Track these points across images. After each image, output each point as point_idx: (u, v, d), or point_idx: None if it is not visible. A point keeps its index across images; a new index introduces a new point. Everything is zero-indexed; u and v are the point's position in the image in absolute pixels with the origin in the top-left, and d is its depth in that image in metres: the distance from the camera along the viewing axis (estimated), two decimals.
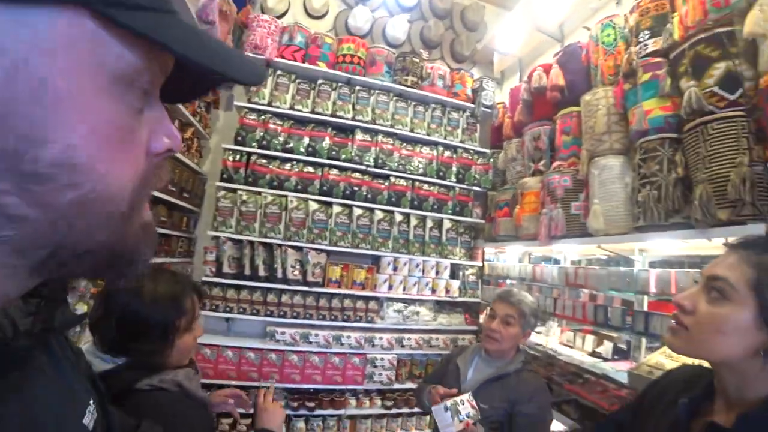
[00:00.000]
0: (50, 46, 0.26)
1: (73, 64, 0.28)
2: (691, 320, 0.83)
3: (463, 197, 3.39)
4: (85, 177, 0.29)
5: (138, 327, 1.00)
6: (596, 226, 2.10)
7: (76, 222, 0.29)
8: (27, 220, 0.28)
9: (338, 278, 3.10)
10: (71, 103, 0.28)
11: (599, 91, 2.21)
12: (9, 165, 0.26)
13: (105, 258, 0.33)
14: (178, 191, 2.71)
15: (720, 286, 0.79)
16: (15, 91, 0.26)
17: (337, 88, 3.18)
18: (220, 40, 0.38)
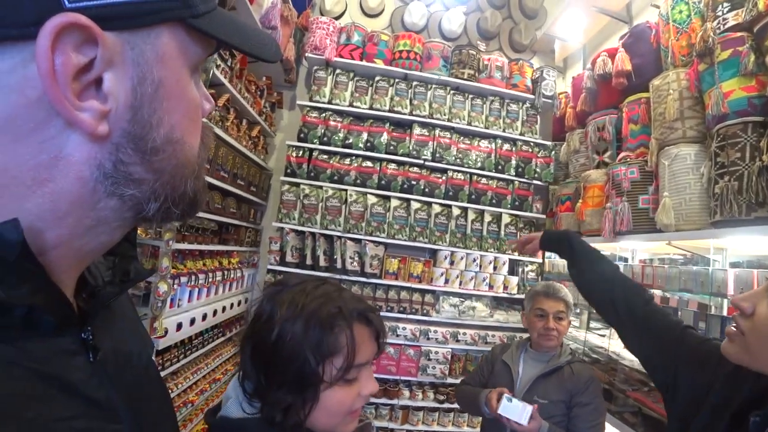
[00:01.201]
0: (162, 56, 0.37)
1: (176, 65, 0.38)
2: (749, 325, 0.74)
3: (523, 191, 3.29)
4: (180, 148, 0.40)
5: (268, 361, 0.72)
6: (666, 221, 1.95)
7: (174, 181, 0.40)
8: (146, 182, 0.38)
9: (395, 270, 3.15)
10: (174, 95, 0.39)
11: (670, 74, 2.06)
12: (137, 145, 0.37)
13: (188, 204, 0.42)
14: (246, 185, 2.90)
15: None
16: (144, 93, 0.36)
17: (395, 84, 3.23)
18: (245, 24, 0.46)
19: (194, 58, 0.40)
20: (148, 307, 1.92)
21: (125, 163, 0.36)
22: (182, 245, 2.19)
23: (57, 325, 0.36)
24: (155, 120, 0.37)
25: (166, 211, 0.40)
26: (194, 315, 2.30)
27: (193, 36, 0.39)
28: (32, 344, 0.34)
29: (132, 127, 0.36)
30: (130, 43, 0.35)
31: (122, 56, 0.35)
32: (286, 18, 2.86)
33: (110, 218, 0.38)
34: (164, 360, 2.08)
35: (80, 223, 0.37)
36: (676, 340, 1.01)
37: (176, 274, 2.15)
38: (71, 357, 0.37)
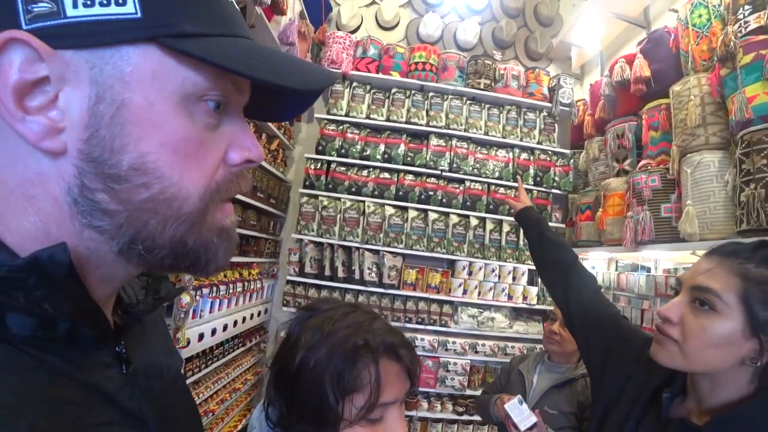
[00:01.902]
0: (127, 77, 0.34)
1: (148, 89, 0.35)
2: (678, 332, 0.82)
3: (542, 200, 3.26)
4: (155, 180, 0.36)
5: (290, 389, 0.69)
6: (690, 231, 1.90)
7: (149, 217, 0.36)
8: (115, 214, 0.36)
9: (413, 281, 3.15)
10: (144, 120, 0.35)
11: (691, 80, 2.02)
12: (97, 169, 0.34)
13: (176, 253, 0.39)
14: (266, 197, 2.96)
15: (709, 299, 0.79)
16: (101, 113, 0.34)
17: (411, 96, 3.25)
18: (288, 54, 0.43)
19: (186, 85, 0.36)
20: (171, 318, 1.96)
21: (90, 189, 0.35)
22: None
23: (96, 339, 0.38)
24: (117, 144, 0.34)
25: (138, 253, 0.37)
26: (215, 325, 2.34)
27: (179, 60, 0.35)
28: (74, 356, 0.36)
29: (89, 148, 0.34)
30: (89, 62, 0.33)
31: (78, 75, 0.33)
32: (304, 34, 2.92)
33: (99, 250, 0.37)
34: (186, 370, 2.12)
35: (75, 252, 0.36)
36: (611, 328, 1.11)
37: (198, 286, 2.20)
38: (107, 369, 0.40)
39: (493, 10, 3.66)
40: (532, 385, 1.80)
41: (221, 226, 0.41)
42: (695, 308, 0.81)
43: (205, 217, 0.39)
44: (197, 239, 0.39)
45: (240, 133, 0.41)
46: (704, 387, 0.82)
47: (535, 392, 1.76)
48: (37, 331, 0.34)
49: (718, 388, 0.81)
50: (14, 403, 0.31)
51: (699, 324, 0.80)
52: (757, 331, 0.75)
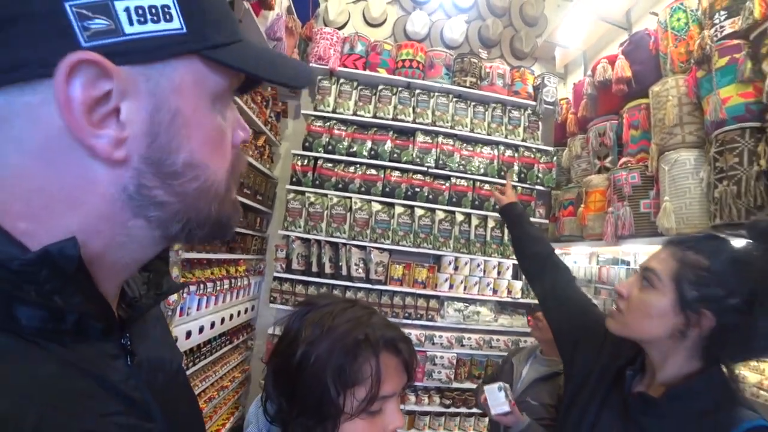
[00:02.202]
0: (178, 87, 0.39)
1: (192, 95, 0.40)
2: (625, 305, 0.96)
3: (526, 197, 3.32)
4: (202, 172, 0.41)
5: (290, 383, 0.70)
6: (667, 225, 1.98)
7: (197, 203, 0.42)
8: (168, 205, 0.40)
9: (400, 276, 3.18)
10: (192, 122, 0.40)
11: (669, 81, 2.09)
12: (156, 169, 0.39)
13: (213, 225, 0.44)
14: (253, 194, 2.95)
15: (649, 276, 0.92)
16: (161, 120, 0.38)
17: (398, 93, 3.27)
18: (278, 53, 0.49)
19: (216, 87, 0.42)
20: None
21: (148, 186, 0.39)
22: (191, 254, 2.23)
23: (103, 331, 0.40)
24: (174, 146, 0.39)
25: (189, 232, 0.42)
26: (203, 323, 2.33)
27: (212, 67, 0.41)
28: (82, 347, 0.38)
29: (150, 152, 0.38)
30: (145, 75, 0.37)
31: (137, 88, 0.37)
32: (291, 29, 2.92)
33: (140, 236, 0.41)
34: None
35: (114, 240, 0.40)
36: (581, 314, 1.21)
37: (185, 283, 2.18)
38: (113, 360, 0.41)
39: (479, 8, 3.70)
40: (521, 377, 1.84)
41: (234, 199, 0.48)
42: (641, 286, 0.94)
43: (229, 194, 0.46)
44: (225, 212, 0.45)
45: (237, 117, 0.47)
46: (656, 362, 0.93)
47: (522, 383, 1.81)
48: (46, 323, 0.35)
49: (665, 362, 0.91)
50: (24, 393, 0.32)
51: (640, 298, 0.93)
52: (685, 308, 0.86)
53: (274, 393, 0.72)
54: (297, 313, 0.77)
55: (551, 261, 1.40)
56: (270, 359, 0.76)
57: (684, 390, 0.87)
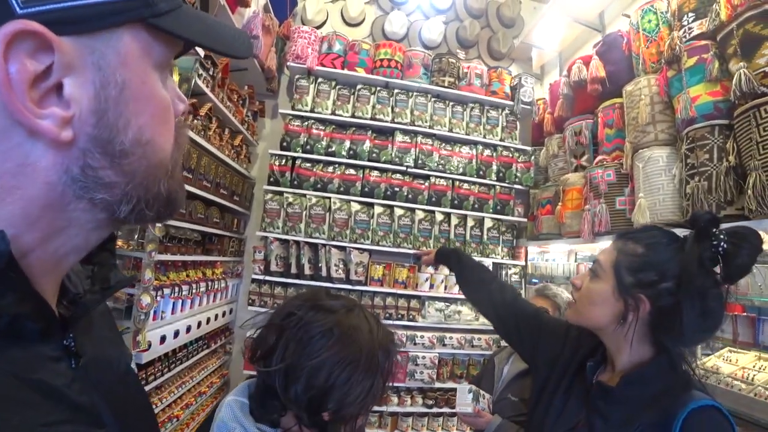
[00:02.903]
0: (125, 58, 0.36)
1: (139, 67, 0.38)
2: (578, 295, 1.05)
3: (504, 195, 3.36)
4: (151, 149, 0.39)
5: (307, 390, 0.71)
6: (642, 221, 2.02)
7: (147, 182, 0.39)
8: (117, 185, 0.37)
9: (380, 277, 3.16)
10: (140, 96, 0.38)
11: (642, 80, 2.14)
12: (105, 149, 0.36)
13: (163, 203, 0.42)
14: (230, 195, 2.88)
15: (595, 268, 1.00)
16: (108, 95, 0.35)
17: (376, 92, 3.26)
18: (214, 20, 0.45)
19: (160, 57, 0.40)
20: (131, 320, 1.88)
21: (93, 167, 0.36)
22: (165, 256, 2.16)
23: (40, 332, 0.36)
24: (122, 123, 0.36)
25: (139, 212, 0.40)
26: (178, 327, 2.27)
27: (156, 36, 0.38)
28: (16, 351, 0.34)
29: (97, 131, 0.35)
30: (90, 47, 0.34)
31: (82, 61, 0.34)
32: (268, 27, 2.88)
33: (82, 220, 0.38)
34: (148, 374, 2.04)
35: (52, 225, 0.36)
36: (533, 323, 1.28)
37: (159, 286, 2.11)
38: (54, 363, 0.38)
39: (457, 9, 3.73)
40: (502, 375, 1.85)
41: (179, 175, 0.45)
42: (591, 277, 1.01)
43: (175, 169, 0.43)
44: (173, 189, 0.43)
45: (175, 86, 0.45)
46: (611, 352, 0.99)
47: (504, 382, 1.82)
48: None
49: (619, 351, 0.97)
50: None
51: (588, 287, 1.00)
52: (623, 293, 0.93)
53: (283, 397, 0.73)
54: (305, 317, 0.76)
55: (496, 282, 1.49)
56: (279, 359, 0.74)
57: (636, 376, 0.91)
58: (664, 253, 0.91)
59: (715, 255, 0.85)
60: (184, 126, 0.46)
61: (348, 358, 0.73)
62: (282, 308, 0.81)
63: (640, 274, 0.92)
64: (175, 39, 0.40)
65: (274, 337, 0.76)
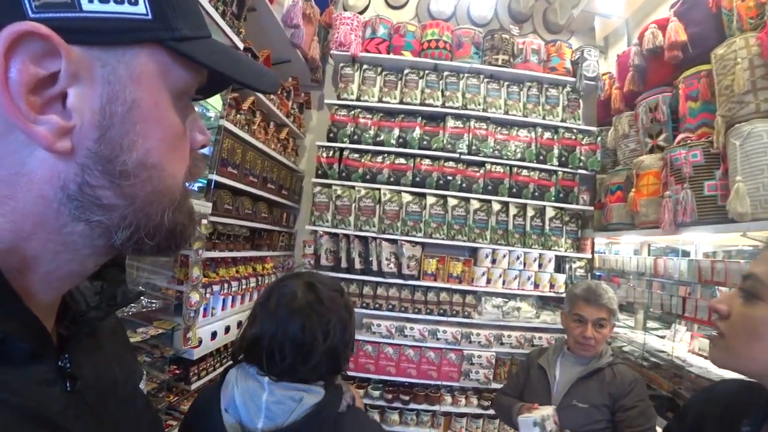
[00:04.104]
0: (138, 77, 0.35)
1: (153, 88, 0.37)
2: (726, 326, 0.73)
3: (568, 182, 3.07)
4: (156, 174, 0.37)
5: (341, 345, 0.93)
6: (740, 210, 1.70)
7: (148, 209, 0.37)
8: (116, 209, 0.36)
9: (434, 271, 3.02)
10: (150, 118, 0.36)
11: (737, 41, 1.81)
12: (105, 167, 0.34)
13: (165, 235, 0.40)
14: (277, 189, 2.85)
15: (753, 285, 0.69)
16: (114, 111, 0.34)
17: (424, 76, 3.09)
18: (241, 54, 0.46)
19: (179, 83, 0.39)
20: (181, 317, 1.89)
21: (92, 185, 0.34)
22: (213, 253, 2.16)
23: (32, 353, 0.35)
24: (127, 142, 0.35)
25: (137, 241, 0.38)
26: (229, 323, 2.28)
27: (177, 60, 0.38)
28: (4, 374, 0.32)
29: (99, 147, 0.34)
30: (101, 60, 0.33)
31: (91, 72, 0.33)
32: (309, 16, 2.78)
33: (79, 245, 0.36)
34: (200, 369, 2.07)
35: (46, 247, 0.35)
36: None
37: (208, 283, 2.12)
38: (47, 387, 0.36)
39: None
40: (555, 379, 1.71)
41: (190, 208, 0.43)
42: (744, 298, 0.71)
43: (185, 201, 0.42)
44: (179, 222, 0.41)
45: (196, 118, 0.44)
46: None
47: (560, 387, 1.68)
48: None
49: None
50: None
51: (743, 314, 0.70)
52: None
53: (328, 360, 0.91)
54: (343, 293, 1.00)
55: None
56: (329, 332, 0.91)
57: None
58: None
59: None
60: (201, 159, 0.45)
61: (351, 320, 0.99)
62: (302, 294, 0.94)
63: None
64: (198, 67, 0.39)
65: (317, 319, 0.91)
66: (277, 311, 0.90)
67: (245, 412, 0.84)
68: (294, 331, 0.87)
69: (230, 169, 2.19)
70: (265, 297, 0.96)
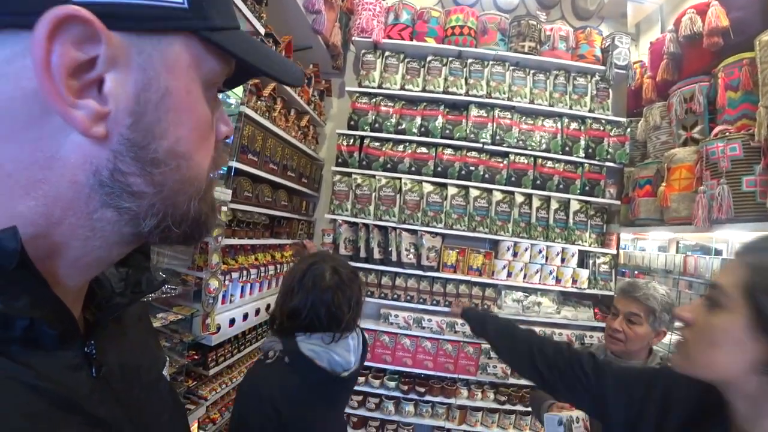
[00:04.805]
0: (172, 66, 0.36)
1: (186, 77, 0.37)
2: (690, 333, 0.75)
3: (594, 174, 2.98)
4: (185, 162, 0.38)
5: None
6: None
7: (176, 197, 0.38)
8: (145, 196, 0.36)
9: (454, 263, 2.98)
10: (182, 107, 0.37)
11: None
12: (137, 154, 0.35)
13: (191, 223, 0.40)
14: (297, 177, 2.84)
15: (714, 295, 0.71)
16: (148, 99, 0.34)
17: (448, 63, 3.01)
18: (267, 47, 0.46)
19: (209, 74, 0.39)
20: (200, 303, 1.90)
21: (123, 172, 0.35)
22: (233, 240, 2.16)
23: (59, 338, 0.35)
24: (159, 130, 0.35)
25: (164, 229, 0.38)
26: (247, 310, 2.28)
27: (210, 51, 0.38)
28: (33, 359, 0.33)
29: (132, 134, 0.34)
30: (138, 47, 0.34)
31: (127, 59, 0.33)
32: (331, 1, 2.73)
33: (107, 231, 0.37)
34: (218, 356, 2.09)
35: (75, 233, 0.35)
36: (596, 375, 1.01)
37: (227, 270, 2.12)
38: (73, 372, 0.37)
39: None
40: None
41: (212, 198, 0.44)
42: (708, 307, 0.73)
43: (209, 191, 0.42)
44: (203, 211, 0.41)
45: (222, 110, 0.44)
46: (743, 416, 0.68)
47: None
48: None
49: (756, 416, 0.66)
50: None
51: (704, 322, 0.72)
52: (764, 329, 0.63)
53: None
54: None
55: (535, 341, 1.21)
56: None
57: None
58: None
59: None
60: (224, 150, 0.46)
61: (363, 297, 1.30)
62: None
63: None
64: (228, 57, 0.40)
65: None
66: (313, 288, 1.16)
67: (342, 359, 1.17)
68: (327, 302, 1.15)
69: (250, 156, 2.18)
70: (300, 276, 1.19)
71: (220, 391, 2.10)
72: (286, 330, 1.18)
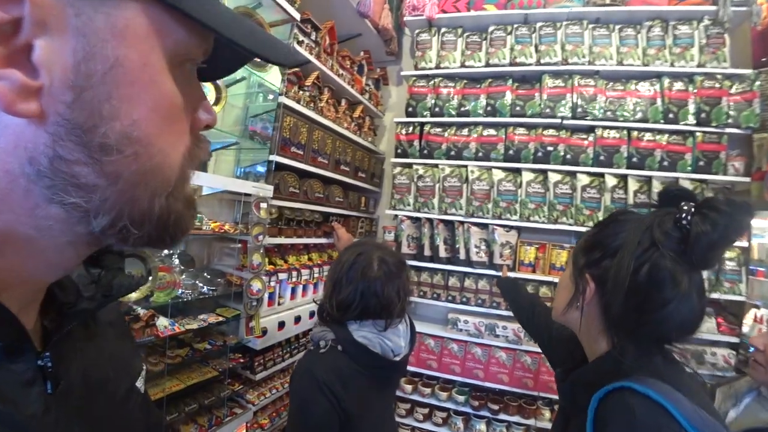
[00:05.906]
0: (122, 32, 0.30)
1: (143, 47, 0.31)
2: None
3: (711, 145, 2.38)
4: (144, 150, 0.32)
5: None
6: None
7: (134, 191, 0.33)
8: (96, 189, 0.31)
9: (532, 261, 2.62)
10: (137, 82, 0.31)
11: None
12: (81, 138, 0.30)
13: (155, 224, 0.35)
14: (353, 171, 2.69)
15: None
16: (91, 70, 0.29)
17: (513, 31, 2.66)
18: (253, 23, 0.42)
19: (177, 47, 0.33)
20: (242, 305, 1.79)
21: (66, 160, 0.29)
22: (277, 239, 2.04)
23: (5, 350, 0.33)
24: (108, 109, 0.30)
25: (121, 230, 0.33)
26: (299, 313, 2.17)
27: (176, 19, 0.32)
28: None
29: (73, 113, 0.29)
30: (75, 8, 0.28)
31: (62, 22, 0.28)
32: None
33: (55, 231, 0.32)
34: (266, 359, 2.02)
35: (15, 233, 0.31)
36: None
37: (273, 271, 2.01)
38: (23, 388, 0.34)
39: None
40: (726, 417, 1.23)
41: (189, 195, 0.38)
42: None
43: (182, 187, 0.37)
44: (174, 210, 0.36)
45: (201, 96, 0.39)
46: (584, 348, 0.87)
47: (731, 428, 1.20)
48: None
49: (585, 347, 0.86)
50: None
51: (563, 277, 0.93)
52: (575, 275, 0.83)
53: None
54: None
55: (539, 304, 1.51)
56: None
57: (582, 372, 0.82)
58: (615, 227, 0.80)
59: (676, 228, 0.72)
60: (204, 141, 0.40)
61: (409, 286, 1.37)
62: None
63: (589, 252, 0.83)
64: (203, 31, 0.34)
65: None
66: (362, 280, 1.19)
67: (394, 344, 1.21)
68: (377, 293, 1.18)
69: (294, 150, 2.05)
70: (347, 268, 1.21)
71: (270, 396, 2.01)
72: (337, 320, 1.20)
